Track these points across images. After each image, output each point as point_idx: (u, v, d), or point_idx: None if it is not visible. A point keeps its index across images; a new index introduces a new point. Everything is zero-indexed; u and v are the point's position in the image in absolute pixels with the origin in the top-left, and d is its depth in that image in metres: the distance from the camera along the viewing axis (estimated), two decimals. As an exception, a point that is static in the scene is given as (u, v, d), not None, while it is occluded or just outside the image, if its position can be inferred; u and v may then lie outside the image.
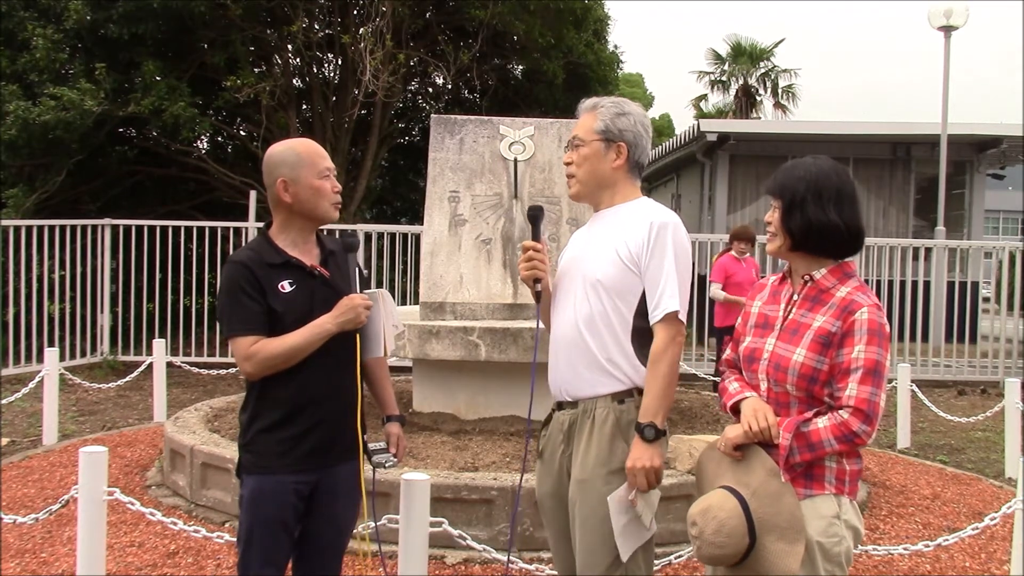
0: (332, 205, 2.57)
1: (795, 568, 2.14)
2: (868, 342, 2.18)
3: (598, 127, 2.60)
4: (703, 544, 2.20)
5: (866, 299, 2.23)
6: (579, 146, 2.62)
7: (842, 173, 2.33)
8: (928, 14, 14.38)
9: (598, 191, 2.64)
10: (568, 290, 2.60)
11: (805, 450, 2.19)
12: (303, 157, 2.54)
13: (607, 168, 2.60)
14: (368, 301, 2.51)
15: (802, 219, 2.28)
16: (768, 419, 2.23)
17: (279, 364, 2.45)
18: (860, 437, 2.17)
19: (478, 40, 12.28)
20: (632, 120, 2.61)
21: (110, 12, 10.37)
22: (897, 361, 9.29)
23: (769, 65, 31.05)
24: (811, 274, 2.32)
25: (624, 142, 2.60)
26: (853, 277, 2.31)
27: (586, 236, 2.69)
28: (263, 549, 2.49)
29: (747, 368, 2.39)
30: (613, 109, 2.61)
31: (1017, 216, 37.26)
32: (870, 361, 2.17)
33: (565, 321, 2.58)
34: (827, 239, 2.29)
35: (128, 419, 7.54)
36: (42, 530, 4.49)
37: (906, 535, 4.82)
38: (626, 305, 2.50)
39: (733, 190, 16.09)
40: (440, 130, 6.03)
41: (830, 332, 2.22)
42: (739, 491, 2.24)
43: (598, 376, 2.48)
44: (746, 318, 2.46)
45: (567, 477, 2.54)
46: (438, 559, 4.10)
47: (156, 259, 9.91)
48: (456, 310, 5.64)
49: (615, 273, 2.50)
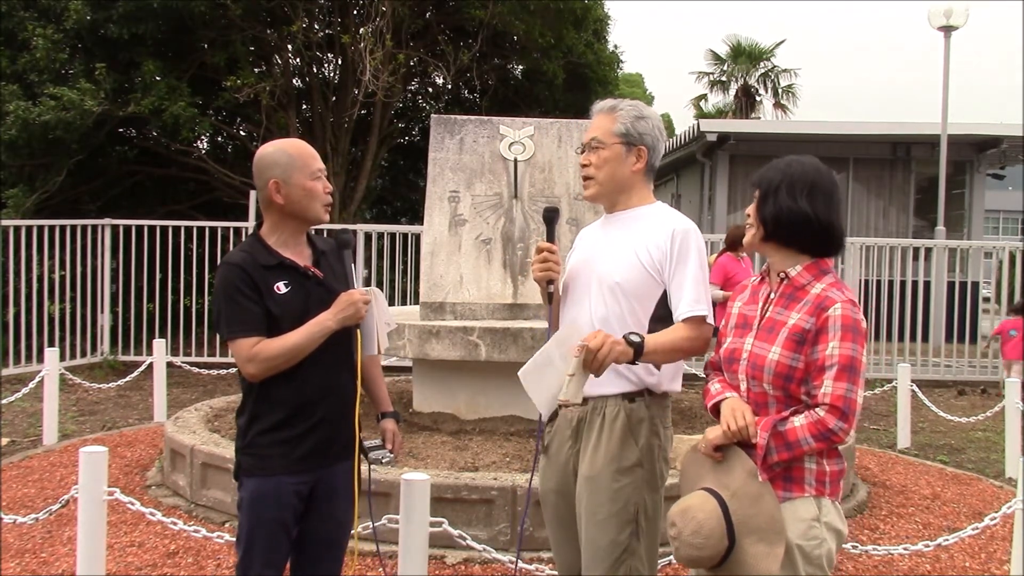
0: (323, 207, 2.56)
1: (775, 570, 2.13)
2: (842, 338, 2.17)
3: (619, 130, 2.60)
4: (681, 545, 2.20)
5: (840, 295, 2.22)
6: (598, 148, 2.61)
7: (821, 169, 2.33)
8: (928, 14, 14.39)
9: (615, 193, 2.64)
10: (582, 292, 2.60)
11: (782, 449, 2.18)
12: (295, 158, 2.53)
13: (627, 171, 2.61)
14: (367, 296, 2.51)
15: (774, 206, 2.29)
16: (746, 418, 2.22)
17: (281, 364, 2.44)
18: (837, 435, 2.15)
19: (478, 40, 12.28)
20: (651, 124, 2.62)
21: (110, 12, 10.36)
22: (897, 361, 9.30)
23: (769, 65, 31.09)
24: (786, 271, 2.32)
25: (644, 146, 2.61)
26: (829, 274, 2.30)
27: (599, 238, 2.68)
28: (263, 552, 2.49)
29: (727, 369, 2.38)
30: (633, 112, 2.61)
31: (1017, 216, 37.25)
32: (844, 357, 2.16)
33: (579, 321, 2.57)
34: (797, 229, 2.28)
35: (128, 419, 7.54)
36: (42, 530, 4.49)
37: (906, 535, 4.82)
38: (643, 308, 2.52)
39: (733, 190, 16.09)
40: (440, 130, 6.03)
41: (804, 329, 2.21)
42: (719, 492, 2.23)
43: (608, 376, 2.47)
44: (728, 319, 2.47)
45: (573, 474, 2.54)
46: (438, 559, 4.10)
47: (156, 259, 9.91)
48: (456, 310, 5.64)
49: (635, 277, 2.51)
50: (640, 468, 2.48)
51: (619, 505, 2.45)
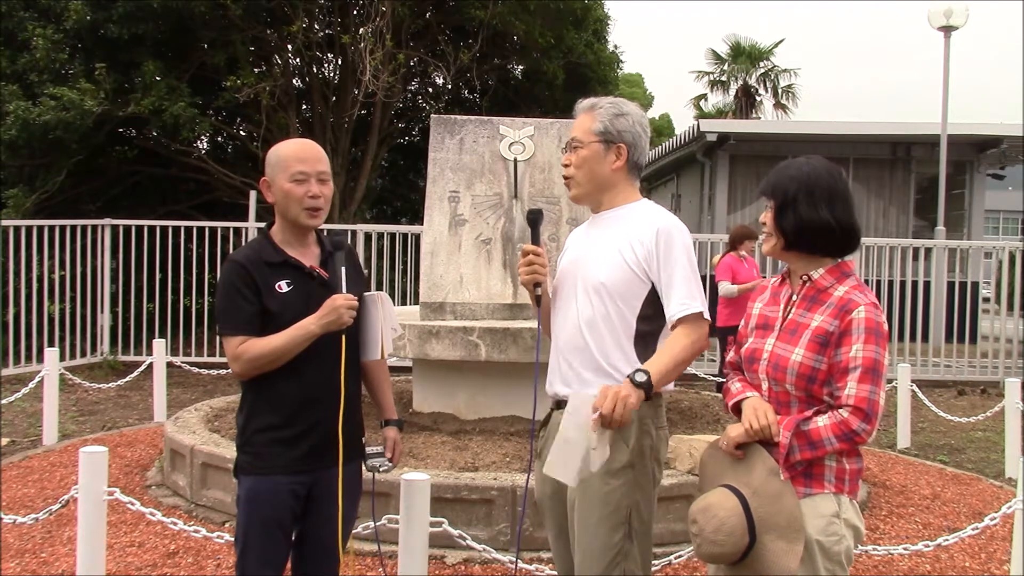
0: (305, 211, 2.50)
1: (794, 567, 2.15)
2: (866, 341, 2.19)
3: (596, 128, 2.57)
4: (703, 542, 2.21)
5: (863, 298, 2.24)
6: (577, 148, 2.59)
7: (834, 172, 2.34)
8: (928, 14, 14.37)
9: (598, 193, 2.61)
10: (569, 293, 2.59)
11: (805, 448, 2.20)
12: (281, 159, 2.52)
13: (607, 170, 2.58)
14: (353, 301, 2.46)
15: (795, 218, 2.29)
16: (768, 417, 2.24)
17: (264, 365, 2.45)
18: (860, 436, 2.17)
19: (478, 40, 12.28)
20: (631, 120, 2.58)
21: (110, 12, 10.36)
22: (897, 361, 9.29)
23: (769, 65, 31.10)
24: (809, 274, 2.33)
25: (623, 143, 2.57)
26: (851, 276, 2.32)
27: (586, 238, 2.66)
28: (260, 549, 2.49)
29: (748, 368, 2.40)
30: (611, 110, 2.58)
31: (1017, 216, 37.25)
32: (868, 360, 2.18)
33: (567, 323, 2.57)
34: (820, 238, 2.30)
35: (128, 419, 7.54)
36: (42, 530, 4.49)
37: (906, 535, 4.82)
38: (629, 308, 2.50)
39: (733, 190, 16.08)
40: (440, 130, 6.03)
41: (828, 331, 2.23)
42: (740, 490, 2.24)
43: (599, 378, 2.46)
44: (748, 320, 2.47)
45: None
46: (438, 559, 4.10)
47: (156, 259, 9.91)
48: (456, 310, 5.64)
49: (620, 277, 2.48)
50: (631, 469, 2.46)
51: (610, 508, 2.43)
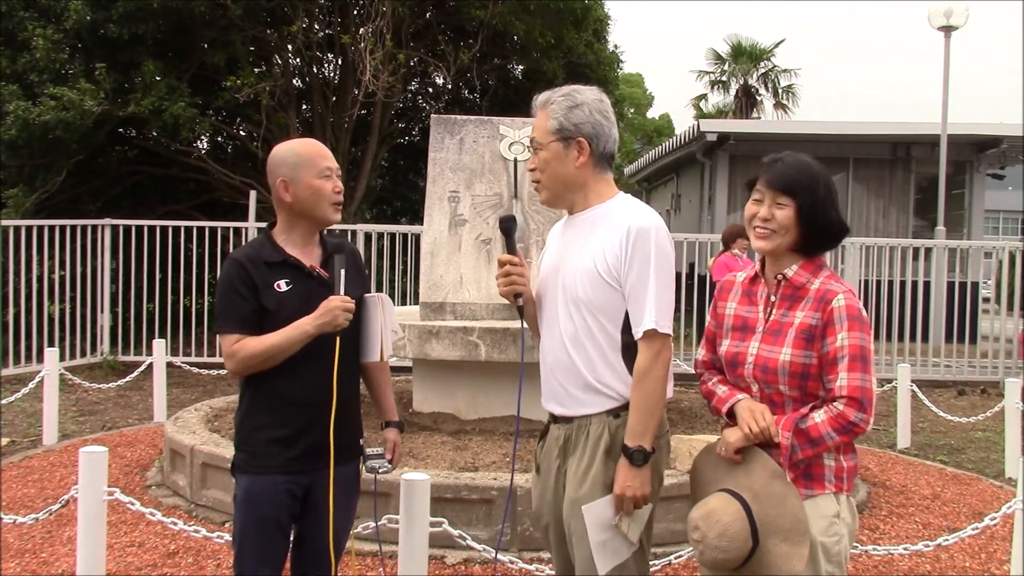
0: (332, 206, 2.55)
1: (799, 570, 2.14)
2: (850, 328, 2.18)
3: (552, 126, 2.39)
4: (706, 549, 2.19)
5: (840, 286, 2.24)
6: (538, 149, 2.43)
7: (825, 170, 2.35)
8: (928, 14, 14.38)
9: (567, 194, 2.46)
10: (551, 305, 2.48)
11: (807, 446, 2.19)
12: (303, 157, 2.53)
13: (570, 169, 2.41)
14: (349, 304, 2.47)
15: (824, 221, 2.26)
16: (766, 418, 2.22)
17: (258, 364, 2.45)
18: (859, 426, 2.16)
19: (478, 40, 12.27)
20: (587, 110, 2.39)
21: (110, 12, 10.36)
22: (897, 361, 9.30)
23: (769, 65, 31.09)
24: (783, 272, 2.31)
25: (583, 136, 2.39)
26: (824, 268, 2.31)
27: (561, 241, 2.54)
28: (257, 548, 2.50)
29: (731, 372, 2.36)
30: (564, 103, 2.40)
31: (1017, 216, 37.24)
32: (855, 347, 2.17)
33: (552, 340, 2.48)
34: (831, 240, 2.31)
35: (128, 419, 7.54)
36: (42, 530, 4.49)
37: (906, 535, 4.81)
38: (611, 322, 2.37)
39: (733, 190, 16.08)
40: (440, 130, 6.03)
41: (811, 326, 2.22)
42: (740, 494, 2.22)
43: (589, 396, 2.39)
44: (720, 319, 2.42)
45: (563, 493, 2.45)
46: (438, 559, 4.10)
47: (156, 259, 9.90)
48: (456, 310, 5.64)
49: (594, 290, 2.35)
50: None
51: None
